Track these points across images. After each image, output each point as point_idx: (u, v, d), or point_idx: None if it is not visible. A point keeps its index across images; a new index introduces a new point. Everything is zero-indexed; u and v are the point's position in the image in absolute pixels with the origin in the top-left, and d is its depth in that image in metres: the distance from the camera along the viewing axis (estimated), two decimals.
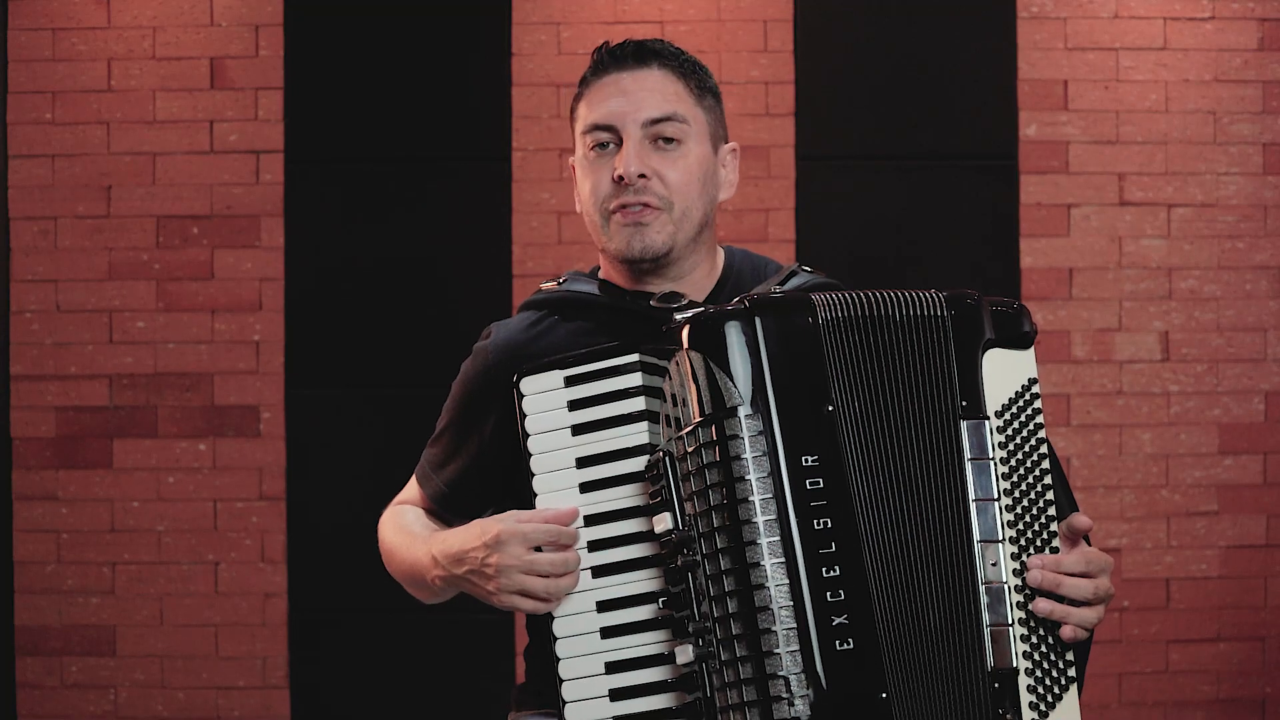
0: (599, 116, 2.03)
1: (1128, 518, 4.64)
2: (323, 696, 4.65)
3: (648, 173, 2.00)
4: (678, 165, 2.02)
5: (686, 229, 2.03)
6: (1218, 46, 4.66)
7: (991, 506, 1.82)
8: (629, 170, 1.99)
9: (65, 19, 4.66)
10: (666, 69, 2.04)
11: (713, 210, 2.08)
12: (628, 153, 2.00)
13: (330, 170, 4.68)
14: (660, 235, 2.02)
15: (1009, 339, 1.89)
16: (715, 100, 2.10)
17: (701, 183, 2.04)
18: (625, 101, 2.02)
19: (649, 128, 2.01)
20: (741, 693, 1.76)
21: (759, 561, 1.76)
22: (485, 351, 2.12)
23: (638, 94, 2.02)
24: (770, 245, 4.62)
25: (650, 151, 2.01)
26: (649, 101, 2.01)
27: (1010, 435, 1.86)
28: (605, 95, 2.03)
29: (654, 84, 2.03)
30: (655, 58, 2.05)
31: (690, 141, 2.03)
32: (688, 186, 2.02)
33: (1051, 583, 1.82)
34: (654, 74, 2.04)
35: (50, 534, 4.65)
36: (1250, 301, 4.66)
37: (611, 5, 4.67)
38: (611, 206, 2.02)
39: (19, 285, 4.67)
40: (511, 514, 1.89)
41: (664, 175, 2.01)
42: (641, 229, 2.01)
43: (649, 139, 2.02)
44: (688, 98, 2.04)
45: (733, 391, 1.80)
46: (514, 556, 1.85)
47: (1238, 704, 4.65)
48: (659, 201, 2.01)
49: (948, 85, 4.66)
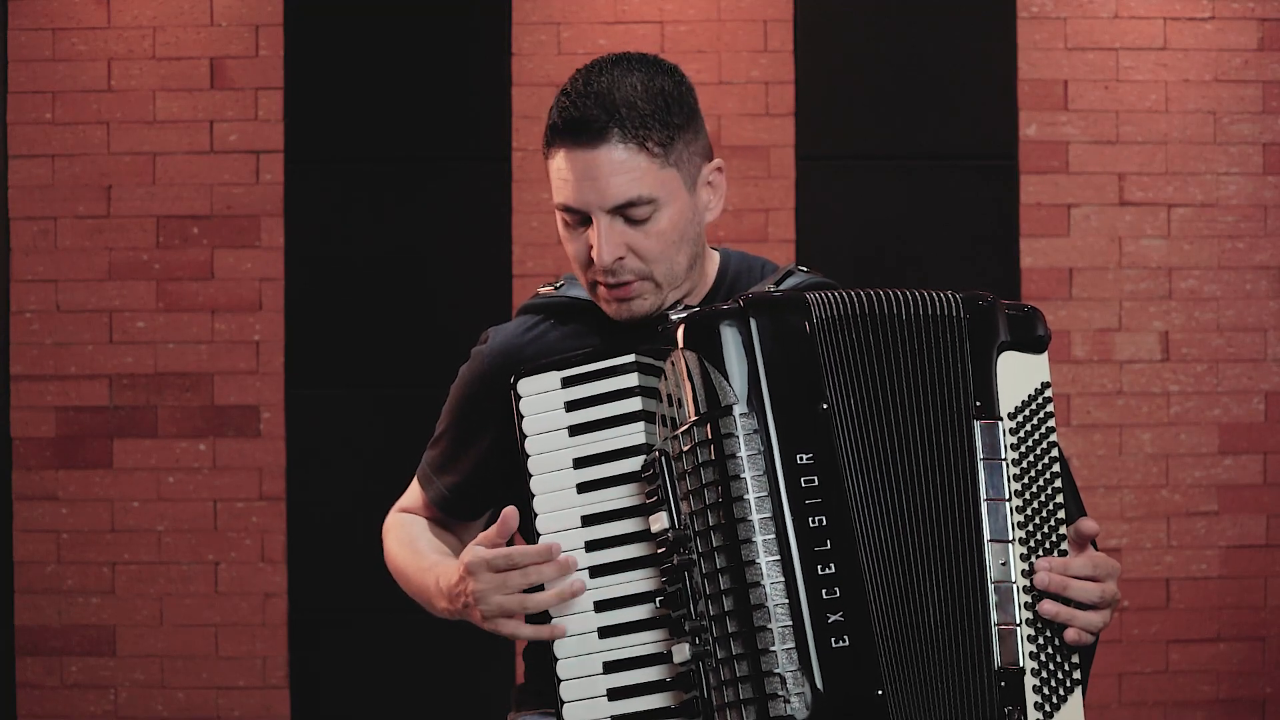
0: (565, 199, 1.97)
1: (1128, 518, 4.64)
2: (323, 696, 4.66)
3: (622, 253, 1.96)
4: (651, 236, 1.96)
5: (673, 282, 2.01)
6: (1218, 46, 4.66)
7: (1002, 507, 1.82)
8: (602, 261, 1.96)
9: (65, 19, 4.67)
10: (626, 140, 1.93)
11: (700, 242, 2.05)
12: (599, 240, 1.95)
13: (330, 170, 4.68)
14: (646, 303, 2.00)
15: (1023, 342, 1.89)
16: (689, 132, 1.99)
17: (680, 239, 1.99)
18: (589, 186, 1.94)
19: (616, 211, 1.95)
20: (738, 691, 1.76)
21: (754, 560, 1.76)
22: (482, 355, 2.12)
23: (599, 179, 1.94)
24: (770, 245, 4.62)
25: (622, 228, 1.96)
26: (611, 188, 1.93)
27: (1022, 438, 1.86)
28: (569, 174, 1.96)
29: (614, 166, 1.93)
30: (614, 128, 1.92)
31: (661, 209, 1.96)
32: (664, 252, 1.98)
33: (1058, 585, 1.82)
34: (613, 153, 1.92)
35: (50, 534, 4.65)
36: (1250, 301, 4.66)
37: (611, 5, 4.67)
38: (593, 278, 2.00)
39: (19, 285, 4.67)
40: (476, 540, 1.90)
41: (639, 250, 1.96)
42: (628, 302, 2.00)
43: (619, 217, 1.96)
44: (652, 168, 1.94)
45: (728, 391, 1.80)
46: (486, 581, 1.86)
47: (1238, 704, 4.65)
48: (638, 276, 1.98)
49: (948, 85, 4.66)
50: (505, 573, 1.86)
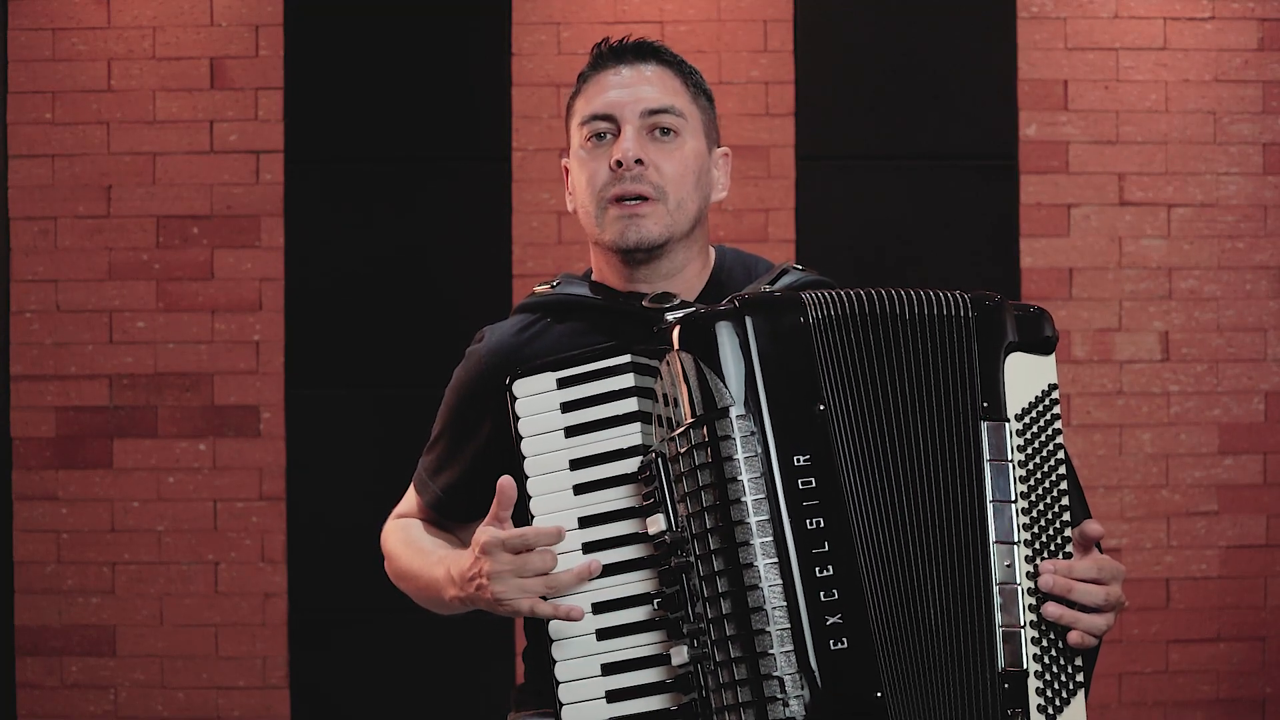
0: (598, 106, 2.07)
1: (1128, 518, 4.64)
2: (323, 696, 4.66)
3: (645, 159, 2.03)
4: (674, 156, 2.05)
5: (681, 221, 2.06)
6: (1218, 46, 4.66)
7: (1009, 508, 1.82)
8: (627, 155, 2.03)
9: (65, 19, 4.67)
10: (664, 65, 2.10)
11: (705, 208, 2.11)
12: (626, 139, 2.04)
13: (330, 170, 4.68)
14: (656, 226, 2.04)
15: (1031, 343, 1.89)
16: (709, 103, 2.15)
17: (696, 176, 2.07)
18: (625, 92, 2.06)
19: (647, 118, 2.06)
20: (737, 693, 1.76)
21: (752, 562, 1.75)
22: (478, 355, 2.12)
23: (637, 86, 2.07)
24: (770, 245, 4.62)
25: (648, 142, 2.05)
26: (648, 93, 2.06)
27: (1029, 439, 1.85)
28: (604, 87, 2.08)
29: (653, 77, 2.08)
30: (654, 55, 2.11)
31: (686, 134, 2.07)
32: (683, 178, 2.05)
33: (1063, 587, 1.81)
34: (652, 68, 2.09)
35: (50, 534, 4.65)
36: (1250, 301, 4.66)
37: (611, 5, 4.67)
38: (609, 195, 2.05)
39: (19, 285, 4.67)
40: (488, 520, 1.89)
41: (660, 165, 2.04)
42: (637, 220, 2.04)
43: (647, 130, 2.06)
44: (684, 93, 2.10)
45: (724, 392, 1.80)
46: (503, 561, 1.85)
47: (1238, 704, 4.65)
48: (654, 191, 2.04)
49: (948, 85, 4.66)
50: (523, 554, 1.84)
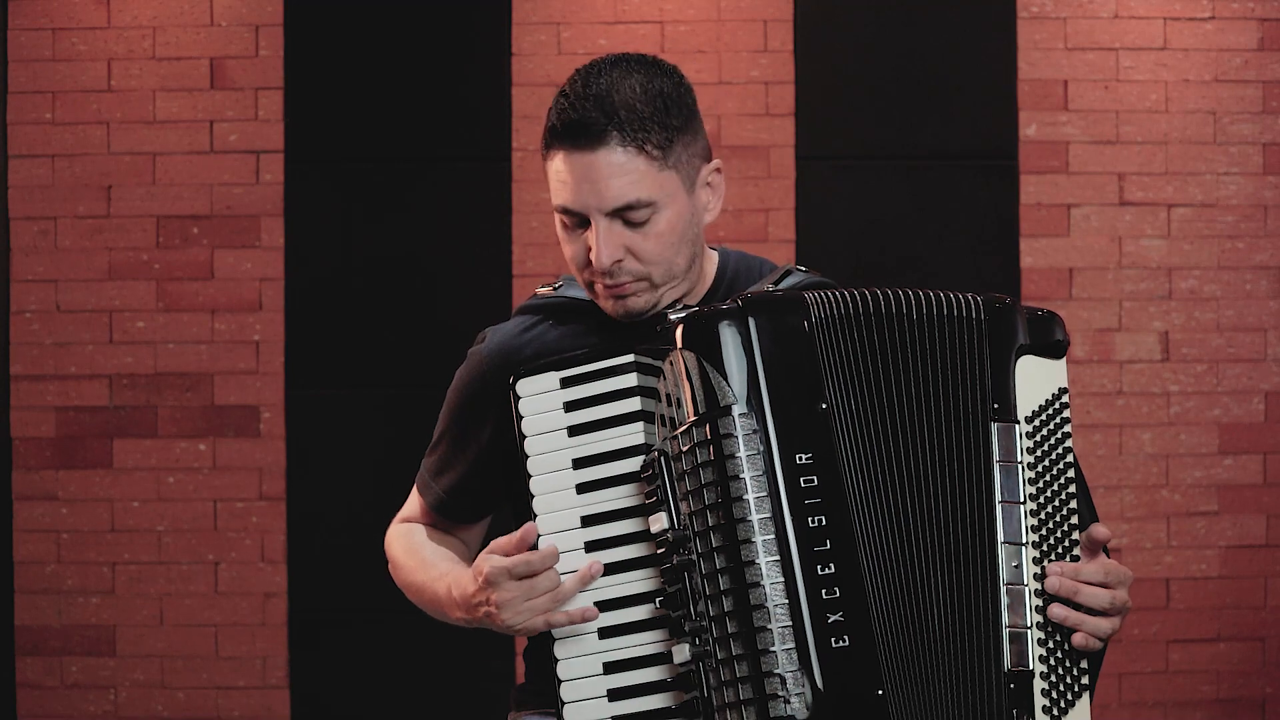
0: (565, 201, 1.96)
1: (1128, 518, 4.64)
2: (323, 696, 4.66)
3: (621, 255, 1.95)
4: (650, 238, 1.95)
5: (671, 283, 2.00)
6: (1218, 46, 4.66)
7: (1017, 509, 1.82)
8: (600, 263, 1.95)
9: (65, 19, 4.67)
10: (625, 143, 1.91)
11: (699, 243, 2.04)
12: (597, 242, 1.94)
13: (330, 170, 4.68)
14: (642, 300, 1.99)
15: (1042, 346, 1.90)
16: (688, 134, 1.97)
17: (679, 241, 1.98)
18: (587, 189, 1.93)
19: (615, 214, 1.94)
20: (738, 691, 1.76)
21: (754, 560, 1.75)
22: (480, 356, 2.11)
23: (597, 182, 1.92)
24: (770, 245, 4.62)
25: (621, 230, 1.95)
26: (609, 191, 1.92)
27: (1039, 442, 1.85)
28: (568, 176, 1.94)
29: (613, 169, 1.91)
30: (611, 128, 1.91)
31: (660, 212, 1.95)
32: (663, 253, 1.97)
33: (1069, 590, 1.81)
34: (612, 156, 1.91)
35: (50, 534, 4.65)
36: (1250, 301, 4.66)
37: (611, 5, 4.67)
38: (592, 281, 2.00)
39: (19, 285, 4.67)
40: (490, 548, 1.89)
41: (637, 251, 1.95)
42: (625, 299, 1.99)
43: (618, 220, 1.95)
44: (650, 170, 1.93)
45: (727, 391, 1.79)
46: (511, 590, 1.85)
47: (1238, 704, 4.65)
48: (635, 276, 1.97)
49: (948, 85, 4.66)
50: (529, 580, 1.84)
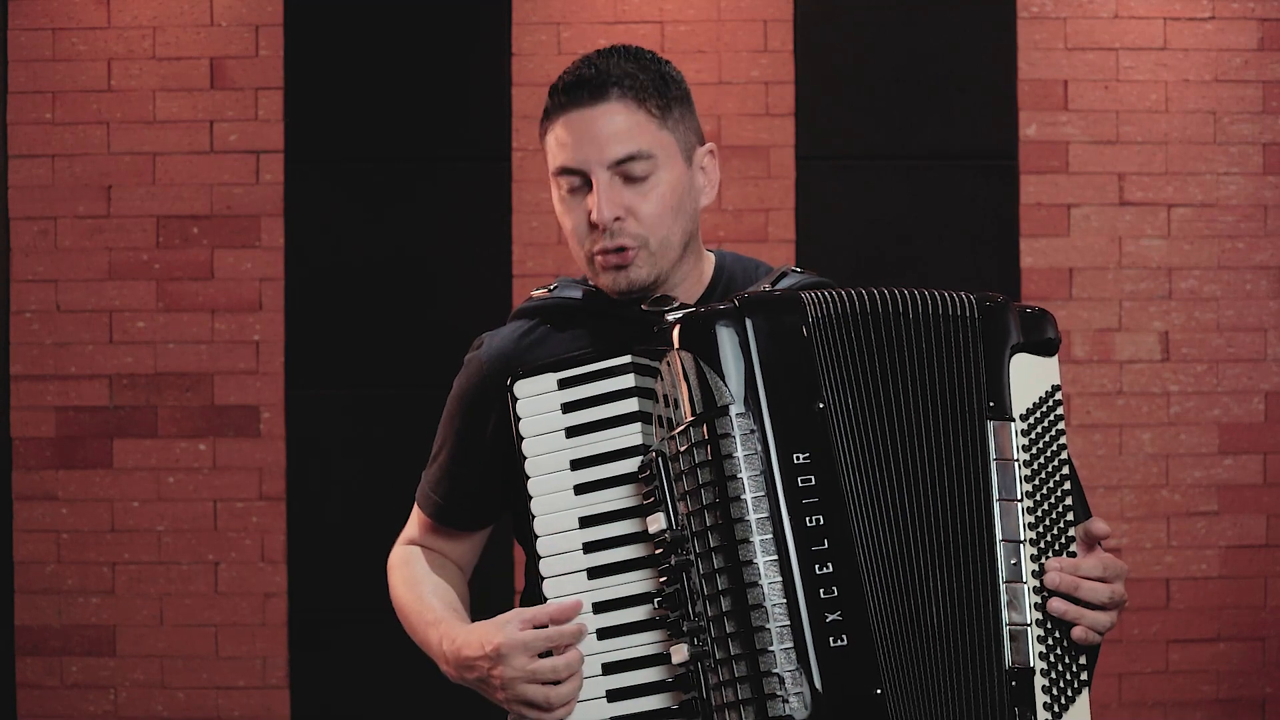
0: (565, 160, 1.98)
1: (1128, 518, 4.64)
2: (323, 696, 4.66)
3: (621, 214, 1.97)
4: (649, 198, 1.97)
5: (669, 256, 2.01)
6: (1218, 46, 4.66)
7: (1015, 507, 1.82)
8: (602, 217, 1.96)
9: (65, 19, 4.67)
10: (625, 99, 1.96)
11: (695, 224, 2.05)
12: (598, 197, 1.96)
13: (330, 170, 4.68)
14: (642, 271, 1.99)
15: (1035, 344, 1.90)
16: (684, 107, 2.03)
17: (677, 207, 2.00)
18: (589, 144, 1.96)
19: (615, 168, 1.97)
20: (737, 691, 1.76)
21: (752, 560, 1.75)
22: (478, 362, 2.11)
23: (599, 135, 1.95)
24: (770, 245, 4.62)
25: (621, 189, 1.97)
26: (611, 142, 1.95)
27: (1034, 439, 1.86)
28: (568, 137, 1.98)
29: (615, 122, 1.96)
30: (612, 86, 1.96)
31: (660, 170, 1.98)
32: (662, 217, 1.98)
33: (1069, 585, 1.82)
34: (613, 109, 1.96)
35: (50, 534, 4.65)
36: (1250, 301, 4.66)
37: (611, 5, 4.67)
38: (593, 250, 2.00)
39: (19, 285, 4.68)
40: (514, 619, 1.88)
41: (637, 212, 1.97)
42: (623, 270, 1.99)
43: (618, 176, 1.97)
44: (650, 126, 1.97)
45: (724, 391, 1.79)
46: (517, 668, 1.85)
47: (1238, 704, 4.65)
48: (636, 240, 1.97)
49: (948, 85, 4.66)
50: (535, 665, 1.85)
